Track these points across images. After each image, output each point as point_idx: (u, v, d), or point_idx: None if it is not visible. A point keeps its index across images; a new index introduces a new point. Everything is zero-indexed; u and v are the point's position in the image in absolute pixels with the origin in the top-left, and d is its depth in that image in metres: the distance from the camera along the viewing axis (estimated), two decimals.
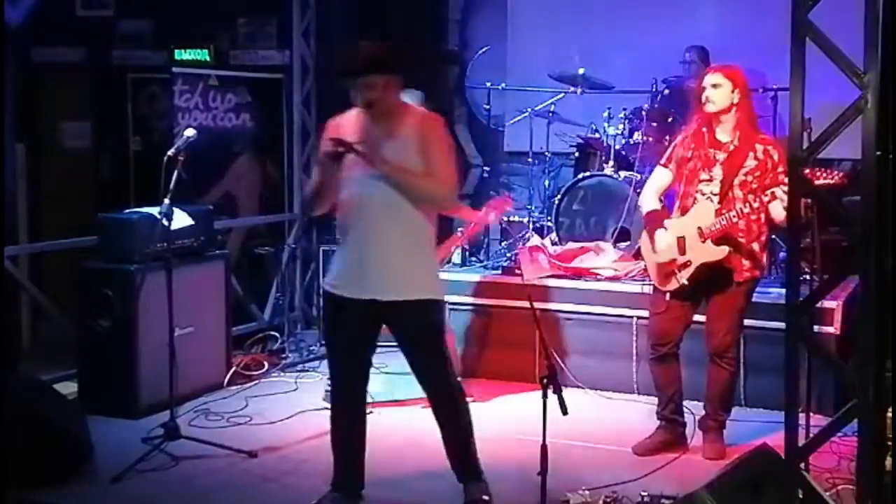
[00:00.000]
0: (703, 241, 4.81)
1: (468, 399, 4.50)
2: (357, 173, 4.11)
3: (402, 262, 4.16)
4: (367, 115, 4.14)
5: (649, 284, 5.28)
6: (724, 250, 4.79)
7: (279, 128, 8.21)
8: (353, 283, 4.20)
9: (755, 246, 4.87)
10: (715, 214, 4.79)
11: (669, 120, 7.08)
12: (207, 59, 8.75)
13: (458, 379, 4.44)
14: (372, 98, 4.07)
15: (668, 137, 6.66)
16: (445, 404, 4.37)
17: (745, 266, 4.84)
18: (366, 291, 4.17)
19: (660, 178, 5.08)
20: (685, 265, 4.87)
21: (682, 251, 4.87)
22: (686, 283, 4.88)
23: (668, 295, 4.98)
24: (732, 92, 4.81)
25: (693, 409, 5.24)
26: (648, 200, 5.08)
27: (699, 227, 4.81)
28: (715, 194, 4.82)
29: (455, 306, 6.46)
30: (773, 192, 4.66)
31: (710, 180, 4.85)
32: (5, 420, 4.47)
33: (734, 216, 4.74)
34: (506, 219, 7.72)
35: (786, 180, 4.52)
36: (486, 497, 4.38)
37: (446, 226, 6.11)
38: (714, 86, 4.83)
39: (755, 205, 4.70)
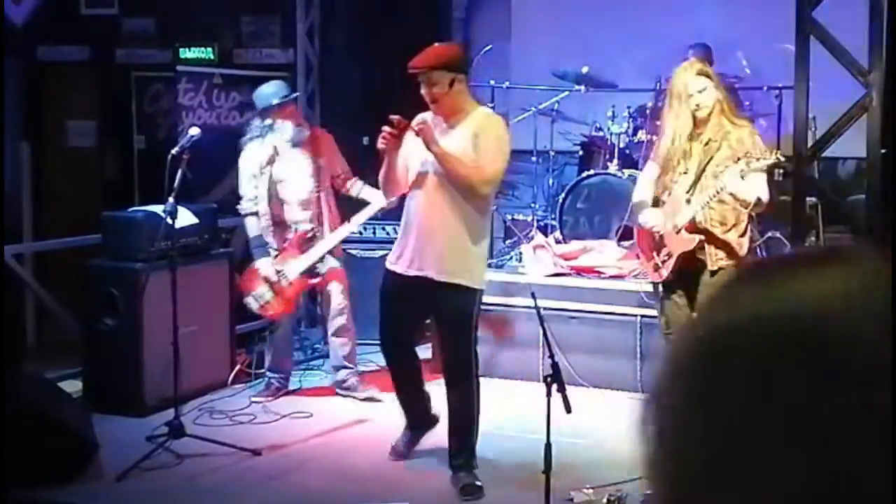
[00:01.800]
0: (678, 233, 4.87)
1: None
2: (419, 157, 4.46)
3: (452, 245, 4.48)
4: (434, 110, 4.50)
5: (651, 283, 5.31)
6: (694, 239, 4.84)
7: None
8: (405, 259, 4.54)
9: (732, 234, 4.87)
10: (686, 205, 4.84)
11: None
12: (211, 57, 8.75)
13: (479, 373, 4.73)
14: (437, 94, 4.42)
15: None
16: (460, 388, 4.61)
17: (717, 255, 4.88)
18: (415, 267, 4.51)
19: (649, 172, 5.14)
20: (668, 257, 4.95)
21: (663, 244, 4.94)
22: (669, 275, 4.95)
23: (660, 287, 5.06)
24: (716, 88, 4.86)
25: None
26: (638, 193, 5.16)
27: (674, 221, 4.87)
28: (690, 185, 4.87)
29: None
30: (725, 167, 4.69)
31: (686, 172, 4.90)
32: (8, 418, 4.48)
33: (703, 206, 4.78)
34: (510, 217, 7.72)
35: (754, 157, 4.58)
36: (478, 482, 4.56)
37: None
38: (700, 91, 4.86)
39: (720, 189, 4.68)
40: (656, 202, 5.06)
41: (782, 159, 4.88)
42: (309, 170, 5.80)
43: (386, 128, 4.42)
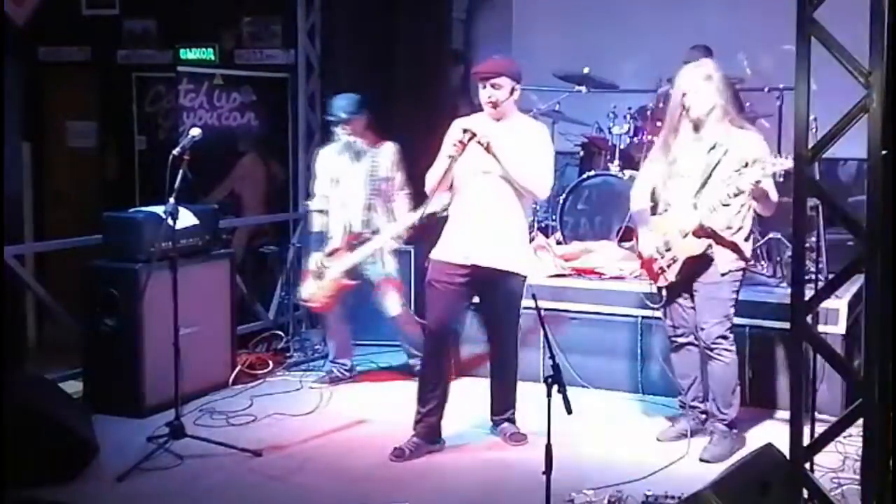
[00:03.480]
0: (685, 238, 4.85)
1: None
2: (474, 161, 4.89)
3: (503, 237, 4.96)
4: (489, 116, 5.02)
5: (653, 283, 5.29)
6: (704, 243, 4.84)
7: (284, 127, 8.22)
8: (456, 250, 4.97)
9: (738, 237, 4.89)
10: (693, 210, 4.82)
11: None
12: (212, 58, 8.77)
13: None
14: (498, 98, 4.97)
15: None
16: (506, 362, 5.25)
17: (728, 257, 4.88)
18: (468, 257, 4.94)
19: (646, 175, 5.11)
20: (672, 261, 4.93)
21: (668, 248, 4.92)
22: (674, 279, 4.94)
23: (663, 291, 5.04)
24: (716, 92, 4.83)
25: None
26: (637, 199, 5.12)
27: (680, 224, 4.85)
28: (695, 190, 4.85)
29: None
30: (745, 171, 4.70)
31: (690, 177, 4.88)
32: (8, 418, 4.48)
33: (711, 210, 4.76)
34: None
35: (770, 162, 4.59)
36: (521, 431, 5.18)
37: None
38: (696, 92, 4.83)
39: (732, 194, 4.69)
40: (654, 206, 5.06)
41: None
42: (365, 178, 6.13)
43: (458, 136, 4.86)
